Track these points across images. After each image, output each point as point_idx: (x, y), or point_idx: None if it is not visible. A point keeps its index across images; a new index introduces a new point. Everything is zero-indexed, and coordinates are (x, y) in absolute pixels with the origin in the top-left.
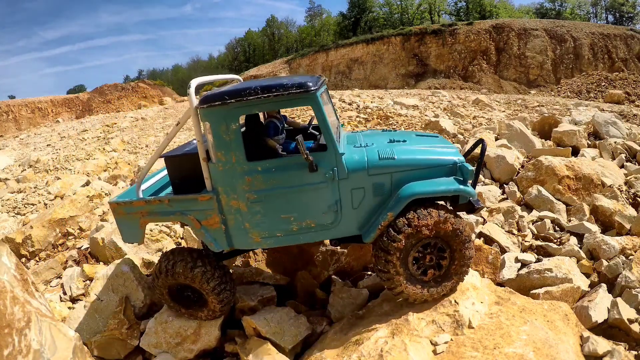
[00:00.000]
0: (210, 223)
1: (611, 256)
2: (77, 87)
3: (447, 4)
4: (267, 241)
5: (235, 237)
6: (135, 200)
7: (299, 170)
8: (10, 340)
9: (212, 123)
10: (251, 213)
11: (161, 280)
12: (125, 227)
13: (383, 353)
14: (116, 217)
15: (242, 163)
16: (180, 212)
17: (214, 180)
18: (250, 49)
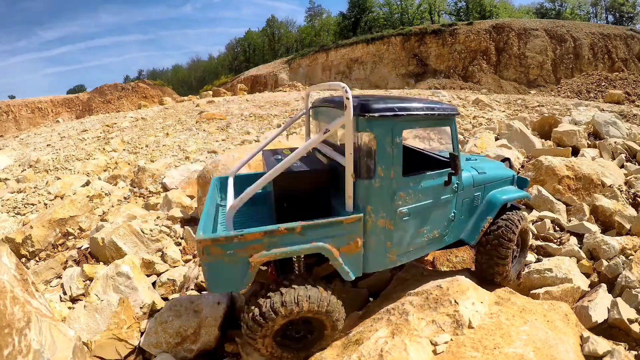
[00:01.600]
0: (351, 248)
1: (611, 256)
2: (77, 87)
3: (447, 4)
4: (400, 259)
5: (372, 259)
6: (246, 233)
7: (438, 184)
8: (10, 340)
9: (378, 134)
10: (397, 230)
11: (270, 324)
12: (220, 273)
13: (383, 353)
14: (208, 259)
15: (398, 178)
16: (316, 241)
17: (361, 199)
18: (250, 49)
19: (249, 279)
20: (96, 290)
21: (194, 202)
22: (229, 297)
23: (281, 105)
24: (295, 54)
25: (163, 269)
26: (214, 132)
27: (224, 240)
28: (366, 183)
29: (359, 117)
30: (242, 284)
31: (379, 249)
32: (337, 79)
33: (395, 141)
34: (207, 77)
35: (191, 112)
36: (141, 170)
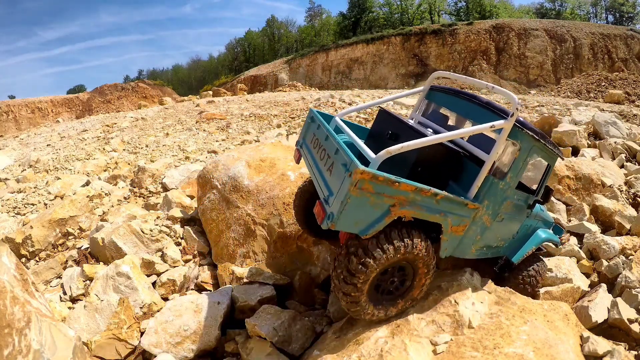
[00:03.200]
0: (458, 230)
1: (611, 256)
2: (77, 87)
3: (447, 4)
4: (476, 253)
5: (461, 246)
6: (404, 182)
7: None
8: (10, 340)
9: (523, 149)
10: (489, 229)
11: (382, 262)
12: (362, 211)
13: (383, 353)
14: (356, 193)
15: (512, 188)
16: (442, 212)
17: (484, 192)
18: (250, 49)
19: (380, 226)
20: (96, 290)
21: (194, 202)
22: (229, 297)
23: (281, 105)
24: (295, 54)
25: (163, 269)
26: (214, 132)
27: (382, 180)
28: (495, 181)
29: (516, 127)
30: (372, 229)
31: (471, 238)
32: (337, 79)
33: (527, 159)
34: (207, 77)
35: (191, 112)
36: (141, 170)
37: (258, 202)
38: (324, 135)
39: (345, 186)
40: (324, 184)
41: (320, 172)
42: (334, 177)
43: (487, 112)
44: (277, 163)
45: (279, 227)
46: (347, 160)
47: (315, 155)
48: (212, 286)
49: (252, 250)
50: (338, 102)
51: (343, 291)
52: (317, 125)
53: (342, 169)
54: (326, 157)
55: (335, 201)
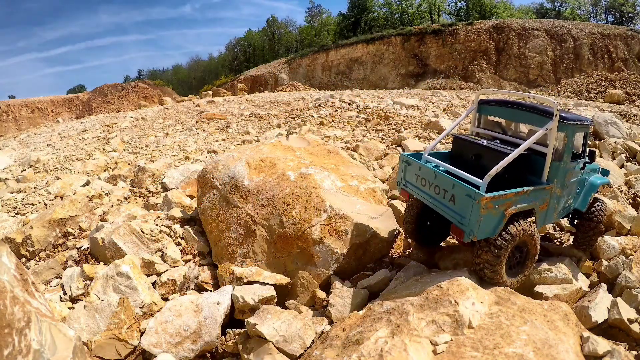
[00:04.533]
0: (543, 207)
1: (611, 256)
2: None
3: (447, 4)
4: (557, 217)
5: (547, 216)
6: (509, 193)
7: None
8: (10, 340)
9: (569, 135)
10: (562, 197)
11: (509, 247)
12: (489, 222)
13: (383, 353)
14: (484, 212)
15: (569, 162)
16: (533, 200)
17: (552, 174)
18: (250, 49)
19: (501, 227)
20: (96, 290)
21: (194, 202)
22: (229, 297)
23: (281, 105)
24: (295, 54)
25: (163, 269)
26: (214, 132)
27: (498, 197)
28: (557, 164)
29: (561, 122)
30: (497, 230)
31: (552, 208)
32: (337, 79)
33: (572, 140)
34: (207, 77)
35: (191, 112)
36: (141, 170)
37: (258, 202)
38: (432, 175)
39: (477, 210)
40: (451, 211)
41: (442, 203)
42: (460, 205)
43: (533, 114)
44: (277, 163)
45: (279, 227)
46: (470, 192)
47: (428, 191)
48: (212, 286)
49: (252, 250)
50: (338, 102)
51: (491, 271)
52: (417, 168)
53: (467, 199)
54: (442, 191)
55: (471, 221)
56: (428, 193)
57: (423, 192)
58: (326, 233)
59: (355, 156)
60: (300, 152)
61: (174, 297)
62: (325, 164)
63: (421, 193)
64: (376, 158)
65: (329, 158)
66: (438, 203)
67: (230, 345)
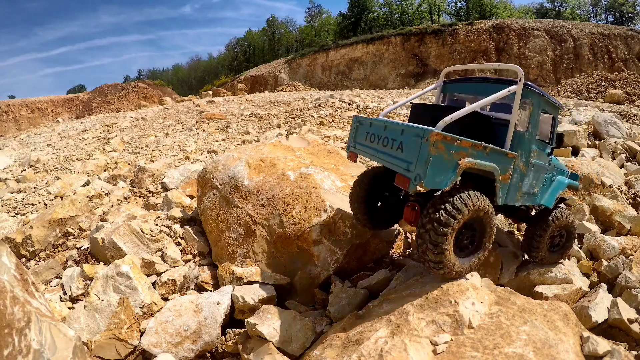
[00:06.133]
0: (505, 178)
1: (611, 256)
2: (77, 87)
3: (447, 4)
4: (521, 199)
5: (510, 193)
6: (464, 140)
7: (547, 153)
8: (10, 340)
9: (534, 105)
10: (526, 176)
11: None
12: (440, 168)
13: (383, 353)
14: (434, 152)
15: (535, 138)
16: (492, 162)
17: (516, 144)
18: (250, 49)
19: (454, 180)
20: (96, 290)
21: (194, 202)
22: (229, 297)
23: (281, 105)
24: (295, 54)
25: (163, 269)
26: (214, 132)
27: (451, 139)
28: (521, 133)
29: (526, 88)
30: (449, 182)
31: (515, 185)
32: (337, 79)
33: (539, 112)
34: (207, 77)
35: (191, 112)
36: (141, 170)
37: (258, 202)
38: (382, 127)
39: (425, 149)
40: (398, 160)
41: (390, 154)
42: (408, 150)
43: (499, 85)
44: (277, 163)
45: (279, 227)
46: (419, 130)
47: (376, 146)
48: (212, 286)
49: (252, 250)
50: (338, 102)
51: (433, 244)
52: (368, 124)
53: (415, 139)
54: (391, 141)
55: (417, 165)
56: (376, 148)
57: (371, 148)
58: (326, 233)
59: None
60: (300, 152)
61: (174, 297)
62: (325, 164)
63: (369, 150)
64: None
65: (329, 158)
66: (385, 155)
67: (230, 345)
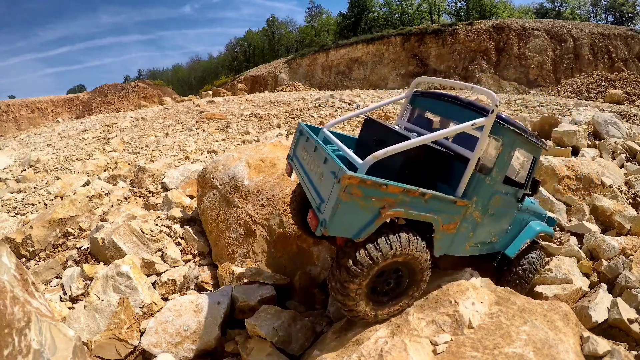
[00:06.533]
0: (449, 228)
1: (611, 256)
2: (77, 87)
3: (447, 4)
4: (470, 250)
5: (455, 244)
6: (392, 185)
7: (513, 198)
8: (10, 340)
9: (506, 145)
10: (481, 225)
11: (375, 267)
12: (353, 216)
13: (383, 353)
14: (346, 198)
15: (500, 183)
16: (432, 212)
17: (472, 189)
18: (250, 49)
19: (371, 230)
20: (96, 290)
21: (194, 202)
22: (229, 297)
23: (281, 105)
24: (295, 54)
25: (163, 269)
26: (214, 132)
27: (370, 184)
28: (481, 178)
29: (497, 124)
30: (364, 232)
31: (463, 236)
32: (337, 79)
33: (510, 153)
34: (207, 77)
35: (191, 112)
36: (141, 170)
37: (258, 202)
38: (313, 147)
39: (335, 192)
40: (316, 193)
41: (312, 183)
42: (324, 185)
43: (469, 112)
44: (277, 163)
45: (279, 227)
46: (335, 167)
47: (306, 166)
48: (212, 286)
49: (252, 250)
50: (338, 102)
51: (341, 294)
52: (305, 138)
53: (331, 177)
54: (316, 167)
55: (327, 208)
56: (305, 169)
57: (302, 167)
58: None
59: None
60: None
61: (174, 297)
62: None
63: (300, 168)
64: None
65: None
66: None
67: (230, 345)
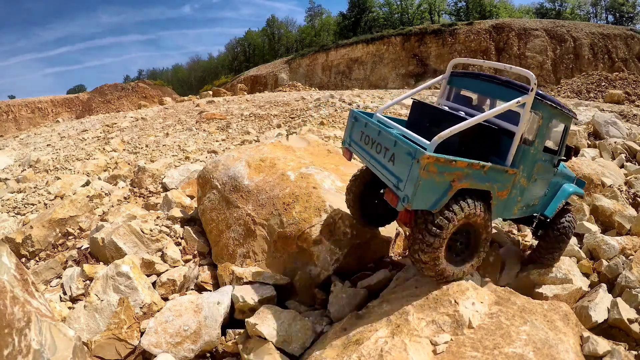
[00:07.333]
0: (502, 195)
1: (611, 256)
2: (77, 87)
3: (447, 4)
4: (518, 213)
5: (505, 209)
6: (460, 160)
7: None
8: (10, 340)
9: (545, 118)
10: (526, 190)
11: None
12: (430, 190)
13: (383, 353)
14: (425, 175)
15: (540, 152)
16: (490, 181)
17: (518, 159)
18: (250, 49)
19: (445, 200)
20: (96, 290)
21: (194, 202)
22: (229, 297)
23: (281, 105)
24: (295, 54)
25: (163, 269)
26: (214, 132)
27: (444, 161)
28: (526, 148)
29: (537, 100)
30: (439, 204)
31: (513, 200)
32: (337, 79)
33: (549, 125)
34: (207, 77)
35: (191, 112)
36: (141, 170)
37: (258, 202)
38: (376, 132)
39: (415, 171)
40: (389, 173)
41: (381, 164)
42: (399, 166)
43: (508, 90)
44: (277, 163)
45: (279, 227)
46: (411, 149)
47: (369, 150)
48: (212, 286)
49: (252, 250)
50: (338, 102)
51: (427, 253)
52: (363, 124)
53: (406, 157)
54: (384, 150)
55: (407, 185)
56: (369, 152)
57: (364, 151)
58: (326, 233)
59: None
60: (300, 152)
61: (174, 297)
62: (325, 164)
63: (362, 152)
64: None
65: (329, 158)
66: (377, 163)
67: (230, 345)
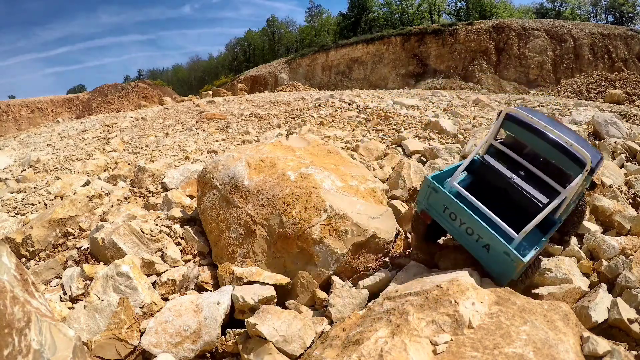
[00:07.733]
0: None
1: (611, 256)
2: (77, 87)
3: (447, 4)
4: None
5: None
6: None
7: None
8: (10, 340)
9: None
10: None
11: None
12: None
13: (383, 353)
14: (518, 270)
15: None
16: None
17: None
18: (250, 49)
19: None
20: (96, 290)
21: (194, 202)
22: (229, 297)
23: (281, 105)
24: (295, 54)
25: (163, 269)
26: (214, 132)
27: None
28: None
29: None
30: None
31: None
32: (337, 79)
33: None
34: (207, 77)
35: (191, 112)
36: (141, 170)
37: (258, 202)
38: (465, 214)
39: (510, 270)
40: (484, 256)
41: (471, 245)
42: (495, 257)
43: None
44: (277, 163)
45: (279, 227)
46: (510, 253)
47: (457, 227)
48: (212, 286)
49: (252, 250)
50: (338, 102)
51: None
52: (448, 200)
53: (504, 256)
54: (476, 235)
55: (503, 277)
56: (457, 228)
57: (450, 224)
58: (326, 233)
59: (355, 156)
60: (300, 152)
61: (174, 297)
62: (325, 164)
63: (447, 224)
64: (376, 158)
65: (329, 158)
66: (467, 241)
67: (230, 345)
